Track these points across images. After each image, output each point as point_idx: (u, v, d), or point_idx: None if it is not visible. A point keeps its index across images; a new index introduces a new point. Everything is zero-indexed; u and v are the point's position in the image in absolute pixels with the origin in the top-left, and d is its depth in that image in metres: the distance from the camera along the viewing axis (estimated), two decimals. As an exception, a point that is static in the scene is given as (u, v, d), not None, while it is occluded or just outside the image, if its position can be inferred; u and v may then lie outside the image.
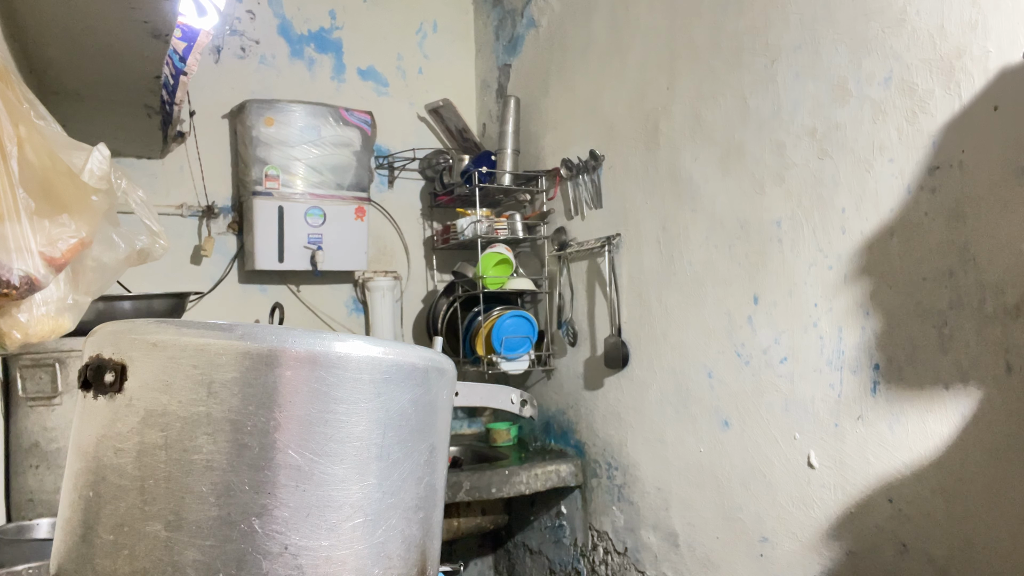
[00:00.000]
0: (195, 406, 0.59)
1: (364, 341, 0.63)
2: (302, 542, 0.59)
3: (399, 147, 3.13)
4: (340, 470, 0.61)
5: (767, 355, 1.90)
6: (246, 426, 0.58)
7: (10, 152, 0.96)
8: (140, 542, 0.58)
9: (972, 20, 1.44)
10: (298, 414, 0.60)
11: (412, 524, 0.67)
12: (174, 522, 0.58)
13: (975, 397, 1.45)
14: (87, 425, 0.63)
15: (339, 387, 0.61)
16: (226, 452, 0.58)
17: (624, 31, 2.41)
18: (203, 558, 0.57)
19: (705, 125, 2.09)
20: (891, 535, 1.60)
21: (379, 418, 0.63)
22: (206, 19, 1.67)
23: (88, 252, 1.15)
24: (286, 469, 0.59)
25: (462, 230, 2.80)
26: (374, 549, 0.63)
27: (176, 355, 0.60)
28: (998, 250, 1.41)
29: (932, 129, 1.52)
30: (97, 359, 0.62)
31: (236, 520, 0.58)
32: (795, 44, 1.82)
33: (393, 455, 0.64)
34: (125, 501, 0.59)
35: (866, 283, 1.66)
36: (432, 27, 3.26)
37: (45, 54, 1.64)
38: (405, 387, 0.65)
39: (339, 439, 0.61)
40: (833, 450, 1.72)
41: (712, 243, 2.06)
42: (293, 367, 0.60)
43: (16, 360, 1.56)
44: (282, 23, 2.96)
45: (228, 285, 2.82)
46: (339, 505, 0.61)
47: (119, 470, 0.60)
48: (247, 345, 0.59)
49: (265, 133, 2.67)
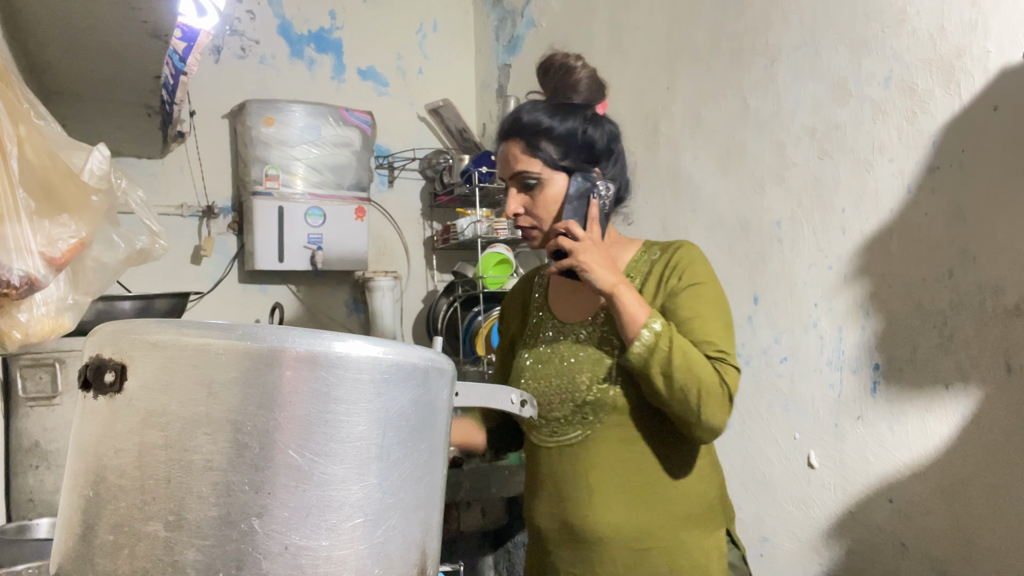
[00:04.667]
0: (195, 406, 0.59)
1: (364, 341, 0.63)
2: (302, 542, 0.59)
3: (399, 147, 3.13)
4: (340, 470, 0.61)
5: (767, 355, 1.90)
6: (246, 426, 0.58)
7: (10, 152, 0.96)
8: (140, 542, 0.58)
9: (972, 20, 1.44)
10: (298, 414, 0.60)
11: (412, 524, 0.67)
12: (174, 522, 0.58)
13: (975, 397, 1.45)
14: (87, 425, 0.63)
15: (339, 387, 0.61)
16: (226, 452, 0.58)
17: (624, 31, 2.41)
18: (203, 558, 0.57)
19: (705, 125, 2.09)
20: (891, 535, 1.60)
21: (379, 418, 0.63)
22: (206, 19, 1.68)
23: (88, 252, 1.15)
24: (286, 469, 0.59)
25: (462, 230, 2.79)
26: (374, 549, 0.63)
27: (176, 355, 0.60)
28: (998, 250, 1.41)
29: (932, 129, 1.52)
30: (97, 359, 0.62)
31: (236, 520, 0.58)
32: (795, 44, 1.82)
33: (393, 455, 0.64)
34: (125, 501, 0.59)
35: (866, 283, 1.66)
36: (432, 27, 3.26)
37: (45, 54, 1.64)
38: (405, 387, 0.65)
39: (339, 439, 0.61)
40: (833, 450, 1.72)
41: (712, 243, 2.06)
42: (293, 367, 0.60)
43: (16, 360, 1.56)
44: (282, 23, 2.96)
45: (228, 285, 2.82)
46: (339, 505, 0.61)
47: (119, 470, 0.60)
48: (247, 345, 0.59)
49: (265, 133, 2.67)
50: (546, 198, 1.24)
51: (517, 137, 1.25)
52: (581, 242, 1.16)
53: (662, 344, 1.11)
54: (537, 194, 1.24)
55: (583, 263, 1.15)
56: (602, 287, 1.15)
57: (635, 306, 1.14)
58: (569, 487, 1.21)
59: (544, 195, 1.24)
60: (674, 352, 1.11)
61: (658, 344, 1.11)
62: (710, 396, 1.11)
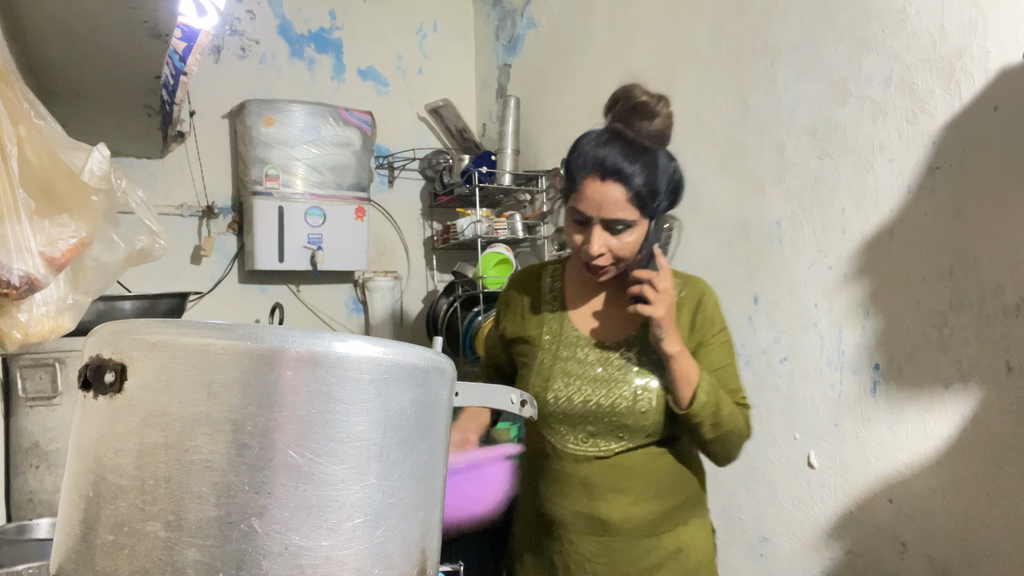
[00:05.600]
0: (195, 406, 0.59)
1: (364, 341, 0.63)
2: (302, 542, 0.59)
3: (399, 147, 3.13)
4: (340, 470, 0.61)
5: (767, 355, 1.90)
6: (246, 426, 0.58)
7: (10, 152, 0.96)
8: (140, 542, 0.58)
9: (972, 20, 1.44)
10: (298, 414, 0.60)
11: (412, 524, 0.67)
12: (174, 522, 0.58)
13: (975, 397, 1.45)
14: (87, 425, 0.63)
15: (339, 387, 0.61)
16: (226, 452, 0.58)
17: (624, 31, 2.41)
18: (203, 558, 0.57)
19: (705, 125, 2.09)
20: (891, 535, 1.60)
21: (379, 418, 0.63)
22: (206, 19, 1.67)
23: (88, 252, 1.15)
24: (286, 469, 0.59)
25: (462, 230, 2.80)
26: (374, 549, 0.63)
27: (176, 355, 0.59)
28: (998, 250, 1.41)
29: (932, 129, 1.52)
30: (97, 359, 0.62)
31: (236, 520, 0.58)
32: (795, 44, 1.82)
33: (393, 455, 0.64)
34: (125, 501, 0.59)
35: (866, 283, 1.66)
36: (432, 27, 3.27)
37: (45, 54, 1.64)
38: (405, 387, 0.65)
39: (339, 439, 0.61)
40: (833, 450, 1.72)
41: (712, 243, 2.06)
42: (293, 367, 0.60)
43: (16, 360, 1.56)
44: (282, 23, 2.96)
45: (228, 285, 2.82)
46: (339, 505, 0.61)
47: (119, 470, 0.60)
48: (247, 345, 0.59)
49: (265, 133, 2.67)
50: (633, 243, 1.29)
51: (619, 183, 1.24)
52: (662, 295, 1.25)
53: (711, 402, 1.27)
54: (624, 237, 1.27)
55: (661, 320, 1.25)
56: (667, 350, 1.26)
57: (690, 368, 1.27)
58: (602, 490, 1.33)
59: (632, 240, 1.28)
60: (721, 409, 1.28)
61: (708, 402, 1.27)
62: (741, 439, 1.33)
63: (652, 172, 1.25)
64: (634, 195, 1.24)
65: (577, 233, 1.31)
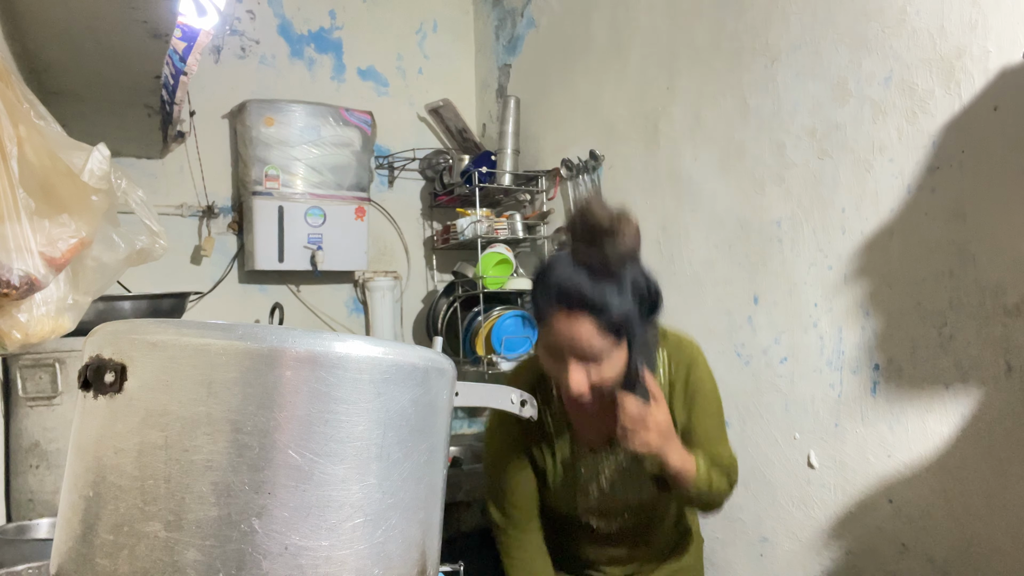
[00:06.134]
0: (195, 406, 0.59)
1: (364, 341, 0.63)
2: (302, 542, 0.59)
3: (399, 147, 3.13)
4: (340, 470, 0.61)
5: (767, 355, 1.90)
6: (246, 426, 0.58)
7: (10, 152, 0.96)
8: (140, 542, 0.58)
9: (972, 20, 1.44)
10: (298, 414, 0.60)
11: (412, 524, 0.67)
12: (174, 522, 0.58)
13: (975, 397, 1.45)
14: (87, 425, 0.63)
15: (339, 387, 0.61)
16: (226, 452, 0.58)
17: (624, 31, 2.41)
18: (203, 558, 0.57)
19: (705, 125, 2.09)
20: (891, 535, 1.60)
21: (379, 418, 0.63)
22: (206, 19, 1.67)
23: (88, 252, 1.15)
24: (286, 469, 0.59)
25: (462, 230, 2.79)
26: (374, 549, 0.63)
27: (176, 355, 0.60)
28: (998, 250, 1.41)
29: (932, 129, 1.52)
30: (97, 359, 0.62)
31: (236, 520, 0.58)
32: (795, 44, 1.82)
33: (393, 455, 0.64)
34: (125, 501, 0.59)
35: (866, 283, 1.66)
36: (432, 27, 3.26)
37: (45, 54, 1.64)
38: (405, 387, 0.65)
39: (339, 439, 0.61)
40: (833, 450, 1.72)
41: (712, 243, 2.06)
42: (293, 367, 0.60)
43: (16, 360, 1.56)
44: (282, 23, 2.96)
45: (228, 285, 2.82)
46: (339, 505, 0.61)
47: (119, 470, 0.60)
48: (247, 345, 0.59)
49: (265, 133, 2.67)
50: (614, 366, 1.26)
51: (588, 314, 1.19)
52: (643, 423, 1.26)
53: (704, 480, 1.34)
54: (603, 367, 1.24)
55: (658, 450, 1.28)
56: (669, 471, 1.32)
57: (682, 461, 1.31)
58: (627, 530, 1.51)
59: (611, 363, 1.25)
60: (713, 482, 1.36)
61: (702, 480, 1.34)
62: (723, 497, 1.42)
63: (622, 296, 1.20)
64: (605, 325, 1.19)
65: (553, 364, 1.27)
